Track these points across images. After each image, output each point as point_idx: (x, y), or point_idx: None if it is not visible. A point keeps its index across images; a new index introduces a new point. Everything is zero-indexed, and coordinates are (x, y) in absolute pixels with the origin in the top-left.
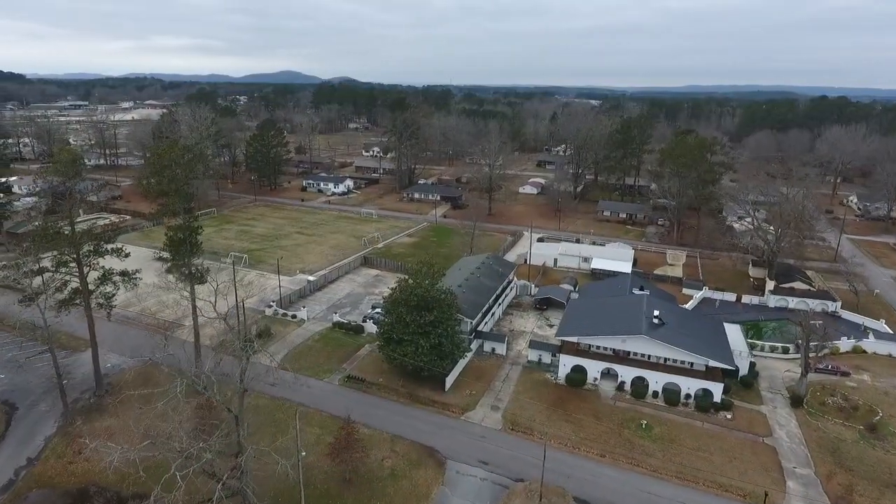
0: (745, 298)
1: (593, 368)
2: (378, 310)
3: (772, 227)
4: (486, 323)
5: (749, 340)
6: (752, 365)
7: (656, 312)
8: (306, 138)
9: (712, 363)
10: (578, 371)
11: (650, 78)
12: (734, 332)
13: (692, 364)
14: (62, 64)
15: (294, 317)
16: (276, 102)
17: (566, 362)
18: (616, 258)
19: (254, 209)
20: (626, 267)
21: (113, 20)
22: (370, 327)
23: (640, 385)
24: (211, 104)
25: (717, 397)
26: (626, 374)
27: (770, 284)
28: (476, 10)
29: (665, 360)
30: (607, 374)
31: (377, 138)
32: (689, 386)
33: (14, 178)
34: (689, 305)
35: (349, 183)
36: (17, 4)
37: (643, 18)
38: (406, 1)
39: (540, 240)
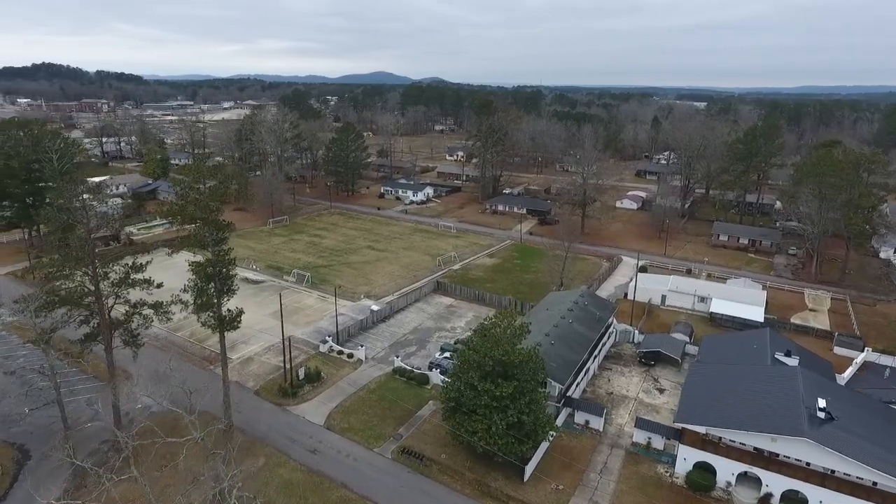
0: None
1: (726, 469)
2: (447, 354)
3: None
4: (577, 384)
5: None
6: None
7: (822, 402)
8: (388, 141)
9: None
10: (704, 469)
11: (758, 78)
12: None
13: (875, 483)
14: (177, 66)
15: (350, 356)
16: (364, 103)
17: (687, 456)
18: (743, 300)
19: (327, 217)
20: (758, 313)
21: (223, 25)
22: (436, 377)
23: (794, 501)
24: (301, 105)
25: None
26: (774, 483)
27: None
28: (569, 9)
29: (832, 470)
30: (745, 478)
31: (462, 142)
32: None
33: (105, 178)
34: (846, 375)
35: (429, 191)
36: (140, 13)
37: (753, 14)
38: (498, 2)
39: (642, 269)
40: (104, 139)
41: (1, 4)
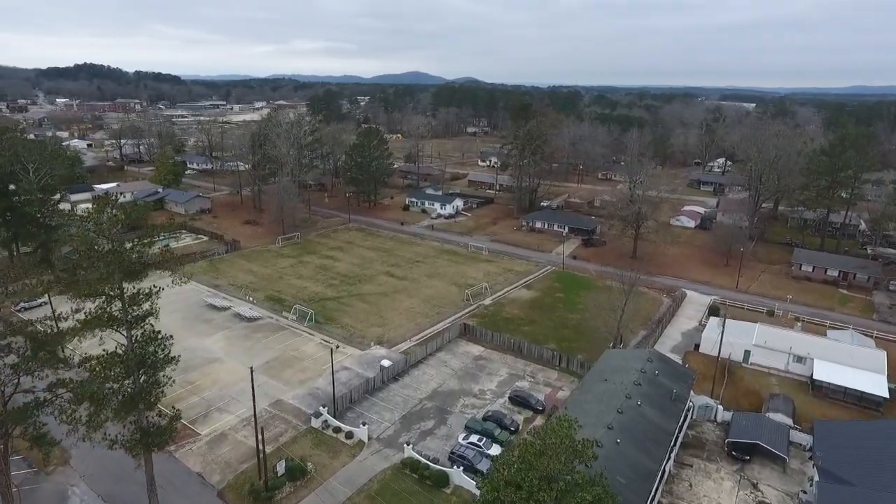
0: None
1: None
2: (473, 438)
3: None
4: (652, 497)
5: None
6: None
7: None
8: (416, 145)
9: None
10: None
11: (804, 78)
12: None
13: None
14: (215, 67)
15: (349, 436)
16: (395, 104)
17: None
18: (856, 363)
19: (344, 233)
20: (880, 384)
21: (258, 26)
22: (458, 476)
23: None
24: (331, 105)
25: None
26: None
27: None
28: (602, 6)
29: None
30: None
31: (495, 146)
32: None
33: (113, 185)
34: None
35: (458, 203)
36: (179, 15)
37: (795, 12)
38: (531, 1)
39: (713, 311)
40: (125, 141)
41: (49, 8)
